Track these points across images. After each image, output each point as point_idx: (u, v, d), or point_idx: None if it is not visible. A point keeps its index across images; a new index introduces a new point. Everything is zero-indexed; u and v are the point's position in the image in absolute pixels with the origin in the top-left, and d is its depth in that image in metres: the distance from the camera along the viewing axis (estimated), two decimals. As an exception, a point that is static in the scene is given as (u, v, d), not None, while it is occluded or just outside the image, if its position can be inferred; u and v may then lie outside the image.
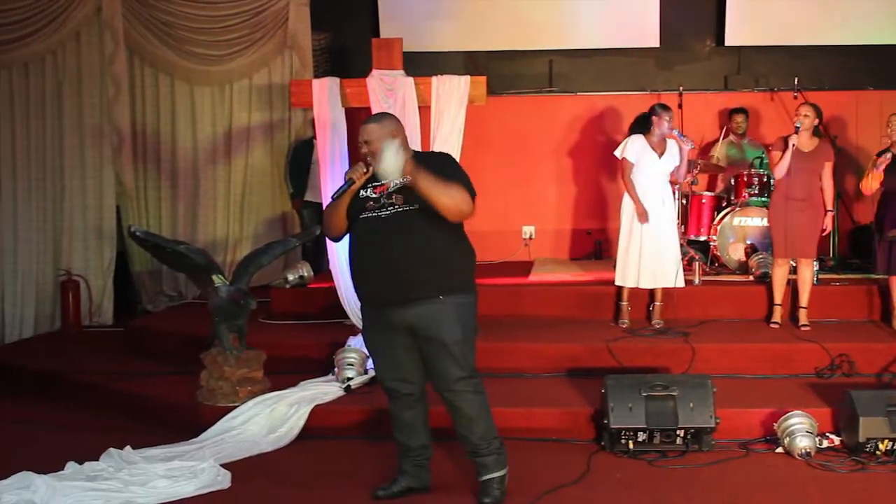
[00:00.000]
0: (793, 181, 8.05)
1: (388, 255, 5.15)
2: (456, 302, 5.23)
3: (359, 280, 5.40)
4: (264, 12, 10.64)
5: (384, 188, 5.25)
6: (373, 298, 5.33)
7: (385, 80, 8.29)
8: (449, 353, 5.21)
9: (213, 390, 7.05)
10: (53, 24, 9.66)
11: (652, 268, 8.18)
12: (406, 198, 5.19)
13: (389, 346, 5.36)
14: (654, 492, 5.66)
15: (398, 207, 5.21)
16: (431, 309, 5.18)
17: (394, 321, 5.24)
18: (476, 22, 11.50)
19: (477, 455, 5.38)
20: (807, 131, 8.05)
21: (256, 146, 10.85)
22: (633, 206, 8.17)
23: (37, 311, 9.80)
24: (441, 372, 5.26)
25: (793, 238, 8.09)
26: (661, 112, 8.21)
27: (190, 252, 7.10)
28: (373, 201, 5.26)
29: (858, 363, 7.37)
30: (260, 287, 9.28)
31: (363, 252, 5.29)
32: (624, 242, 8.29)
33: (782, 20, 11.17)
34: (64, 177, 9.95)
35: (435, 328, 5.19)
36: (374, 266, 5.21)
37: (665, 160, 8.20)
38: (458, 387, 5.27)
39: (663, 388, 6.29)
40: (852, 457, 6.11)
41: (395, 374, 5.40)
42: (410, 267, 5.13)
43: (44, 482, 5.57)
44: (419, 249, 5.14)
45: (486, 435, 5.37)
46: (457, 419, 5.36)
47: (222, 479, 5.84)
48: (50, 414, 7.52)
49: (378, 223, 5.21)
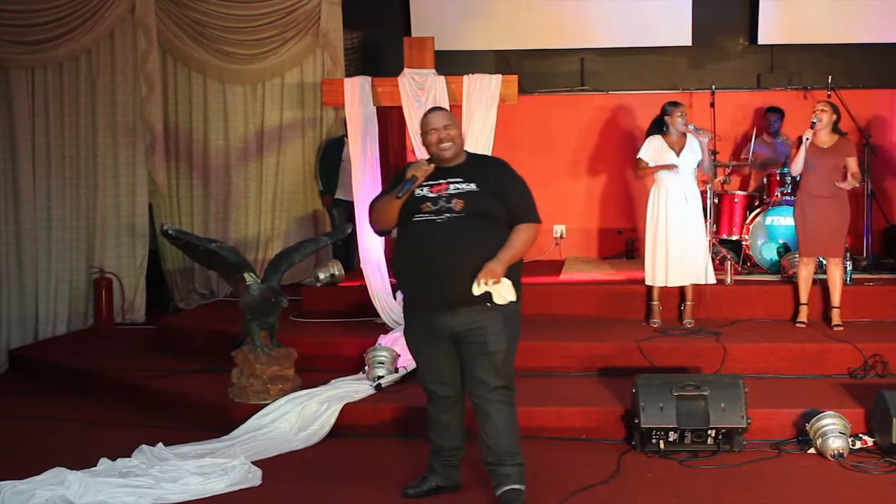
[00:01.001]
0: (815, 178, 8.04)
1: (440, 262, 5.05)
2: (505, 310, 5.17)
3: (406, 282, 5.36)
4: (296, 11, 10.67)
5: (442, 188, 5.17)
6: (419, 302, 5.26)
7: (416, 78, 8.30)
8: (490, 362, 5.17)
9: (245, 388, 7.08)
10: (88, 24, 9.73)
11: (680, 265, 8.15)
12: (466, 203, 5.11)
13: (432, 349, 5.30)
14: (685, 492, 5.63)
15: (455, 213, 5.10)
16: (479, 317, 5.11)
17: (438, 326, 5.19)
18: (507, 21, 11.49)
19: (500, 465, 5.28)
20: (825, 128, 8.02)
21: (288, 145, 10.88)
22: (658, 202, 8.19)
23: (70, 309, 9.87)
24: (479, 378, 5.20)
25: (818, 236, 8.06)
26: (672, 109, 8.21)
27: (222, 250, 7.13)
28: (430, 202, 5.16)
29: (892, 363, 7.31)
30: (291, 285, 9.33)
31: (414, 255, 5.17)
32: (650, 242, 8.27)
33: (816, 18, 11.10)
34: (97, 175, 10.03)
35: (480, 336, 5.13)
36: (424, 271, 5.10)
37: (685, 156, 8.17)
38: (493, 395, 5.22)
39: (695, 388, 6.27)
40: (885, 458, 6.05)
41: (436, 377, 5.36)
42: (462, 275, 5.00)
43: (77, 478, 5.62)
44: (472, 258, 5.02)
45: (511, 450, 5.29)
46: (484, 427, 5.27)
47: (253, 477, 5.86)
48: (82, 410, 7.57)
49: (433, 228, 5.11)
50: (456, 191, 5.15)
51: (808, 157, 7.98)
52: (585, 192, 11.31)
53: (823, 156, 8.00)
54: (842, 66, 11.02)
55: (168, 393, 7.55)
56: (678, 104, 8.27)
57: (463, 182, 5.18)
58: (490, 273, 4.96)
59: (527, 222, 5.25)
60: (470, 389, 5.29)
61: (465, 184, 5.17)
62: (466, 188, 5.16)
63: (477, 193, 5.15)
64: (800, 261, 8.26)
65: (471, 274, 4.99)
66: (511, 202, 5.23)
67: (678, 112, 8.17)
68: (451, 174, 5.23)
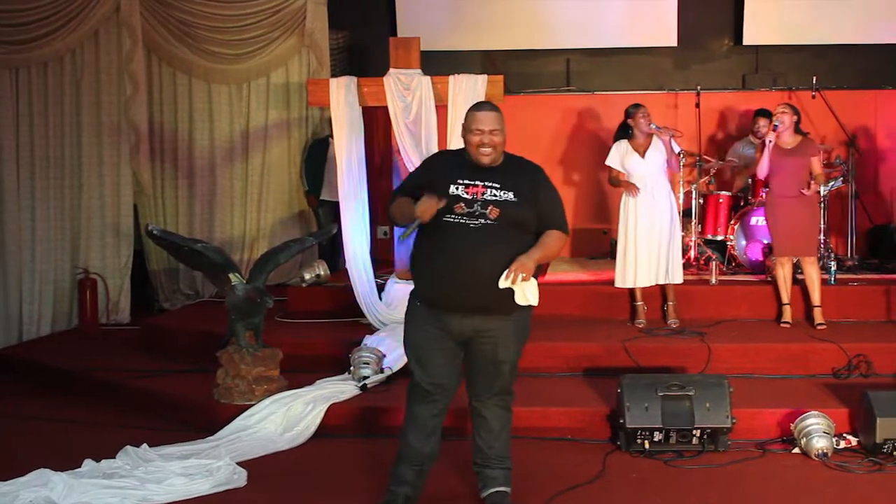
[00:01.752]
0: (781, 179, 8.18)
1: (469, 270, 4.90)
2: (518, 319, 5.10)
3: (427, 282, 5.10)
4: (282, 11, 10.66)
5: (478, 191, 4.98)
6: (438, 302, 5.06)
7: (402, 79, 8.31)
8: (499, 371, 5.13)
9: (230, 388, 7.06)
10: (72, 24, 9.70)
11: (647, 265, 8.19)
12: (502, 212, 4.95)
13: (439, 349, 5.12)
14: (670, 492, 5.64)
15: (490, 221, 4.94)
16: (496, 324, 5.03)
17: (452, 328, 5.05)
18: (493, 21, 11.50)
19: (489, 467, 5.27)
20: (787, 129, 8.15)
21: (273, 145, 10.87)
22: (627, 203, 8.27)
23: (54, 309, 9.83)
24: (484, 383, 5.17)
25: (791, 237, 8.18)
26: (634, 111, 8.31)
27: (207, 250, 7.11)
28: (464, 203, 4.95)
29: (876, 363, 7.34)
30: (276, 285, 9.31)
31: (441, 256, 4.97)
32: (622, 243, 8.34)
33: (800, 19, 11.14)
34: (81, 175, 9.99)
35: (490, 344, 5.06)
36: (450, 274, 4.94)
37: (650, 158, 8.23)
38: (494, 401, 5.21)
39: (679, 388, 6.28)
40: (869, 458, 6.08)
41: (436, 378, 5.16)
42: (487, 284, 4.87)
43: (61, 479, 5.60)
44: (500, 267, 4.86)
45: (502, 454, 5.28)
46: (479, 430, 5.26)
47: (238, 478, 5.85)
48: (67, 411, 7.54)
49: (465, 233, 4.94)
50: (493, 197, 4.98)
51: (773, 159, 8.13)
52: (571, 192, 11.31)
53: (788, 156, 8.14)
54: (826, 66, 11.06)
55: (153, 394, 7.53)
56: (639, 105, 8.36)
57: (500, 189, 5.01)
58: (522, 268, 4.82)
59: (558, 230, 5.17)
60: (472, 392, 5.25)
61: (502, 191, 5.00)
62: (504, 196, 4.99)
63: (514, 204, 5.00)
64: (776, 261, 8.32)
65: (495, 281, 4.87)
66: (543, 212, 5.14)
67: (640, 113, 8.26)
68: (487, 176, 5.04)
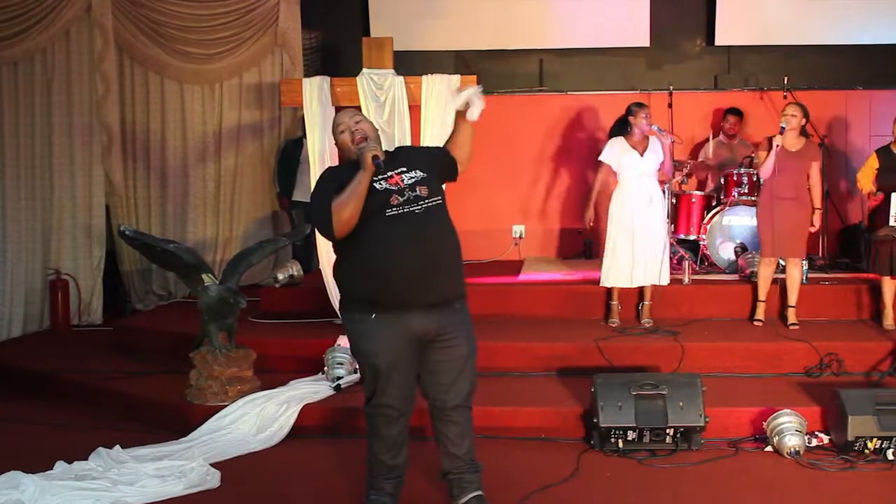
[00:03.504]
0: (780, 180, 8.09)
1: (427, 255, 4.75)
2: (465, 304, 5.02)
3: (385, 283, 4.76)
4: (254, 11, 10.63)
5: (397, 179, 4.86)
6: (401, 301, 4.79)
7: (375, 79, 8.30)
8: (469, 367, 5.00)
9: (203, 389, 7.04)
10: (43, 23, 9.62)
11: (642, 267, 8.20)
12: (428, 189, 4.88)
13: (403, 359, 4.90)
14: (644, 491, 5.66)
15: (428, 202, 4.84)
16: (450, 319, 4.90)
17: (414, 327, 4.83)
18: (466, 21, 11.50)
19: (466, 472, 5.12)
20: (793, 131, 8.08)
21: (246, 145, 10.84)
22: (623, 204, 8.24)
23: (25, 311, 9.76)
24: (454, 385, 4.98)
25: (780, 237, 8.13)
26: (637, 110, 8.24)
27: (179, 251, 7.09)
28: (396, 194, 4.81)
29: (847, 362, 7.39)
30: (250, 286, 9.29)
31: (397, 251, 4.73)
32: (612, 243, 8.31)
33: (772, 20, 11.19)
34: (53, 176, 9.91)
35: (457, 336, 4.92)
36: (416, 264, 4.72)
37: (648, 158, 8.22)
38: (467, 402, 5.06)
39: (653, 387, 6.30)
40: (841, 455, 6.12)
41: (403, 391, 4.96)
42: (445, 267, 4.82)
43: (32, 481, 5.56)
44: (449, 247, 4.86)
45: (470, 451, 5.15)
46: (449, 437, 5.08)
47: (211, 479, 5.83)
48: (38, 413, 7.50)
49: (415, 219, 4.78)
50: (412, 179, 4.89)
51: (777, 160, 8.03)
52: (544, 192, 11.33)
53: (791, 159, 8.09)
54: (798, 67, 11.13)
55: (125, 395, 7.49)
56: (643, 105, 8.31)
57: (409, 170, 4.92)
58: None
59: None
60: (444, 402, 5.02)
61: (412, 171, 4.92)
62: (418, 175, 4.91)
63: (426, 177, 4.93)
64: (761, 261, 8.33)
65: (451, 265, 4.85)
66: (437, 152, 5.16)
67: (643, 113, 8.20)
68: (392, 167, 4.93)
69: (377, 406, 5.01)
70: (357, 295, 4.94)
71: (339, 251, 4.98)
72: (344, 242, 4.88)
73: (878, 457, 6.06)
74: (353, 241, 4.84)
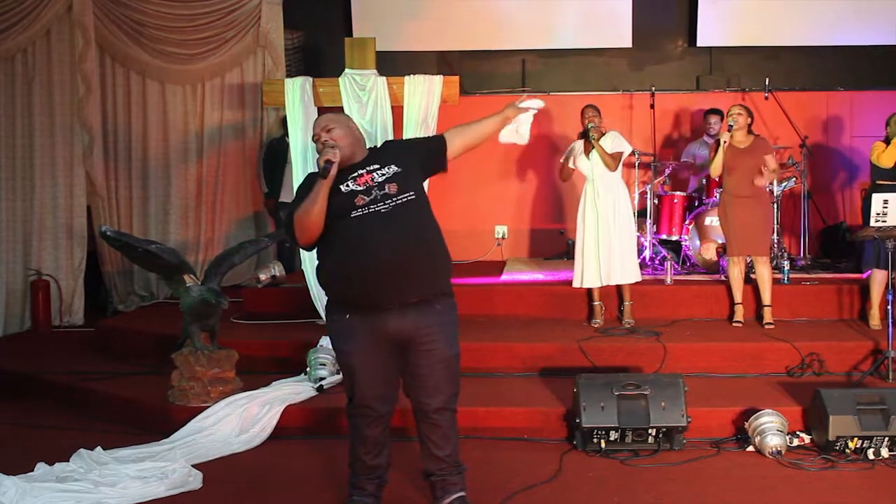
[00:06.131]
0: (735, 179, 8.28)
1: (401, 253, 4.67)
2: (450, 305, 4.93)
3: (355, 283, 4.73)
4: (237, 11, 10.62)
5: (366, 178, 4.78)
6: (373, 301, 4.75)
7: (358, 79, 8.30)
8: (449, 368, 4.90)
9: (185, 390, 7.02)
10: (24, 23, 9.59)
11: (607, 266, 8.22)
12: (399, 185, 4.78)
13: (378, 359, 4.86)
14: (627, 491, 5.66)
15: (397, 199, 4.75)
16: (428, 319, 4.81)
17: (389, 328, 4.78)
18: (449, 22, 11.53)
19: (449, 474, 5.08)
20: (741, 129, 8.27)
21: (228, 146, 10.83)
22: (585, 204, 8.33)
23: (6, 312, 9.73)
24: (436, 387, 4.90)
25: (743, 236, 8.27)
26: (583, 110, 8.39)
27: (161, 252, 7.06)
28: (363, 195, 4.74)
29: (829, 362, 7.41)
30: (232, 287, 9.27)
31: (364, 251, 4.67)
32: (579, 243, 8.38)
33: (754, 21, 11.26)
34: (34, 176, 9.88)
35: (437, 339, 4.84)
36: (384, 263, 4.64)
37: (594, 157, 8.27)
38: (450, 405, 5.00)
39: (635, 388, 6.31)
40: (822, 455, 6.14)
41: (379, 391, 4.93)
42: (417, 265, 4.71)
43: (13, 483, 5.53)
44: (423, 245, 4.76)
45: (454, 453, 5.10)
46: (433, 439, 5.02)
47: (193, 480, 5.81)
48: (19, 414, 7.47)
49: (381, 218, 4.70)
50: (383, 177, 4.80)
51: (728, 159, 8.23)
52: (527, 193, 11.36)
53: (742, 156, 8.24)
54: (779, 68, 11.19)
55: (107, 396, 7.46)
56: (590, 105, 8.43)
57: (382, 167, 4.84)
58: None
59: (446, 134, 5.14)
60: (425, 405, 4.96)
61: (384, 168, 4.84)
62: (390, 171, 4.83)
63: (401, 173, 4.83)
64: (729, 261, 8.39)
65: (422, 262, 4.75)
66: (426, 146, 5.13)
67: (588, 114, 8.32)
68: (364, 164, 4.88)
69: (357, 406, 5.01)
70: (332, 296, 4.97)
71: (318, 254, 4.99)
72: (319, 245, 4.89)
73: (859, 456, 6.08)
74: (326, 244, 4.85)
